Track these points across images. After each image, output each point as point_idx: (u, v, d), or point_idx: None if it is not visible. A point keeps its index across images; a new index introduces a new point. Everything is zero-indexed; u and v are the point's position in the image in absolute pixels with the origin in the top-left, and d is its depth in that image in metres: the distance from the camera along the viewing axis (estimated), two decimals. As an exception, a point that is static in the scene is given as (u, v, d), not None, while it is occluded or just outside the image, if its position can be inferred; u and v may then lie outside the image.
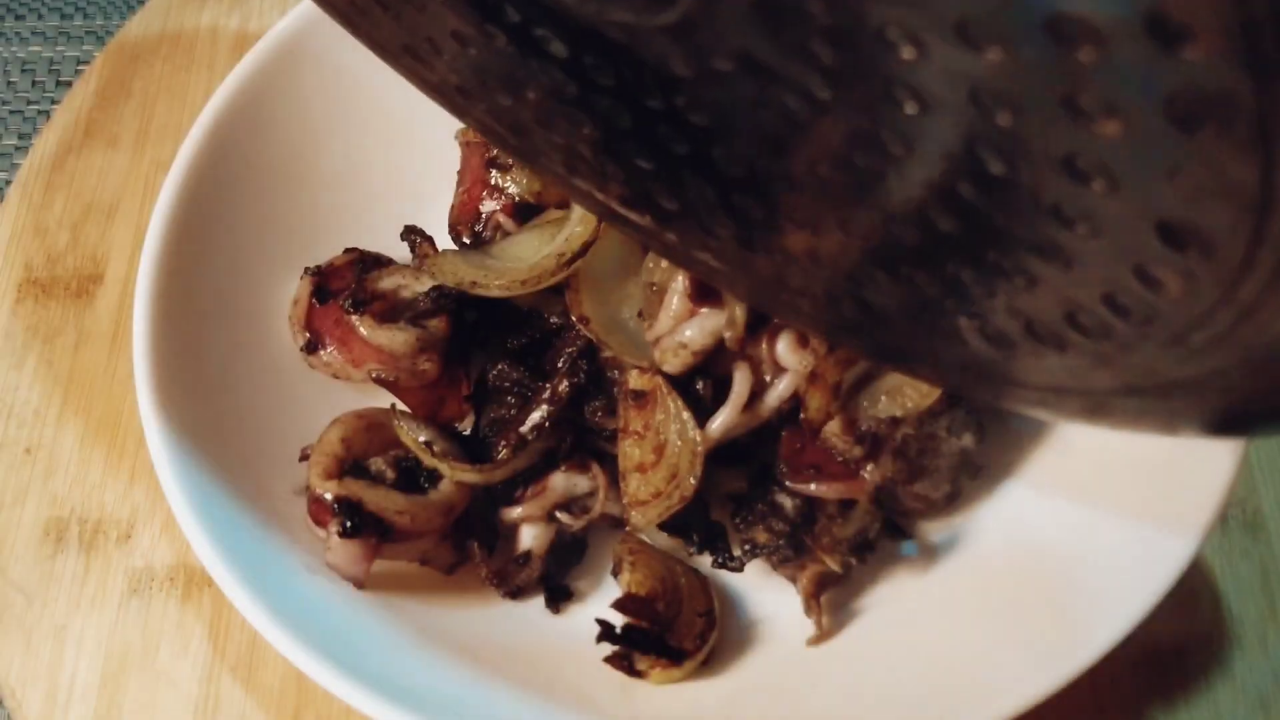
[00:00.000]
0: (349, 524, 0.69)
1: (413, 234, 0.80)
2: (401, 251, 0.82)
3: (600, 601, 0.73)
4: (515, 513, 0.75)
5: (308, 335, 0.81)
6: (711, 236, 0.58)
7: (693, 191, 0.54)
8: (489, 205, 0.83)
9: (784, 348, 0.71)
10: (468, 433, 0.78)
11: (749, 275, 0.61)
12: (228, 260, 0.81)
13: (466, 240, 0.83)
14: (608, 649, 0.69)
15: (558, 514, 0.74)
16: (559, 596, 0.75)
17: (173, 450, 0.70)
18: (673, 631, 0.70)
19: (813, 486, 0.71)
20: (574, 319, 0.73)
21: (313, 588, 0.70)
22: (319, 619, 0.68)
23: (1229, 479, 0.66)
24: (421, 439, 0.74)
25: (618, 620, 0.70)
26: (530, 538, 0.75)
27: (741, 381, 0.71)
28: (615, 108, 0.51)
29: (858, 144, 0.43)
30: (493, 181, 0.82)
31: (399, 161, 0.90)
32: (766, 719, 0.68)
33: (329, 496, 0.71)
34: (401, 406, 0.78)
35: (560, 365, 0.74)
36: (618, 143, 0.54)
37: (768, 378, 0.72)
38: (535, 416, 0.73)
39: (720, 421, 0.70)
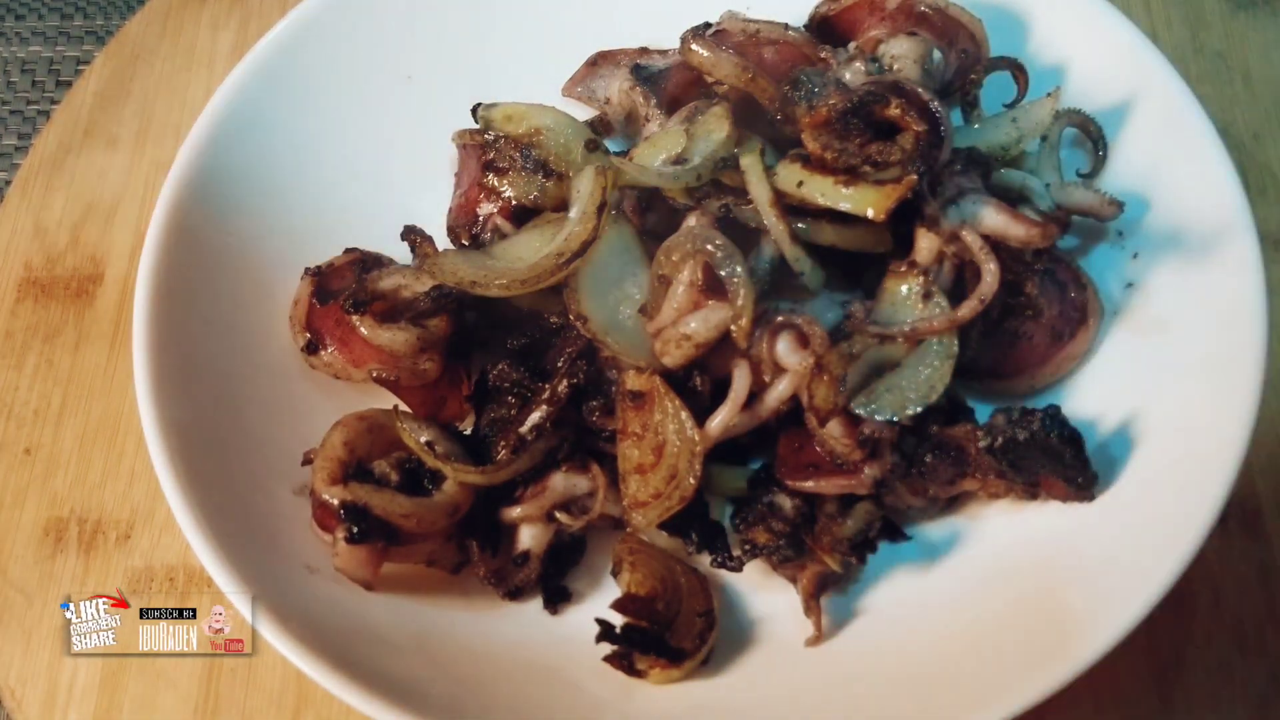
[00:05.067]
0: (356, 530, 0.69)
1: (413, 234, 0.80)
2: (401, 251, 0.81)
3: (600, 601, 0.73)
4: (514, 513, 0.75)
5: (308, 335, 0.81)
6: None
7: None
8: (487, 208, 0.83)
9: (784, 348, 0.71)
10: (468, 433, 0.78)
11: None
12: (228, 260, 0.81)
13: (465, 243, 0.83)
14: (608, 649, 0.69)
15: (557, 514, 0.74)
16: (557, 598, 0.75)
17: (173, 450, 0.70)
18: (672, 631, 0.70)
19: (811, 483, 0.71)
20: (572, 318, 0.73)
21: (313, 588, 0.70)
22: (320, 619, 0.68)
23: (1229, 479, 0.66)
24: (424, 440, 0.74)
25: (618, 620, 0.70)
26: (529, 538, 0.74)
27: (741, 380, 0.71)
28: None
29: None
30: (490, 184, 0.82)
31: (399, 162, 0.90)
32: (765, 718, 0.68)
33: (335, 501, 0.70)
34: (403, 407, 0.78)
35: (560, 365, 0.74)
36: None
37: (767, 378, 0.71)
38: (535, 417, 0.73)
39: (719, 420, 0.70)
